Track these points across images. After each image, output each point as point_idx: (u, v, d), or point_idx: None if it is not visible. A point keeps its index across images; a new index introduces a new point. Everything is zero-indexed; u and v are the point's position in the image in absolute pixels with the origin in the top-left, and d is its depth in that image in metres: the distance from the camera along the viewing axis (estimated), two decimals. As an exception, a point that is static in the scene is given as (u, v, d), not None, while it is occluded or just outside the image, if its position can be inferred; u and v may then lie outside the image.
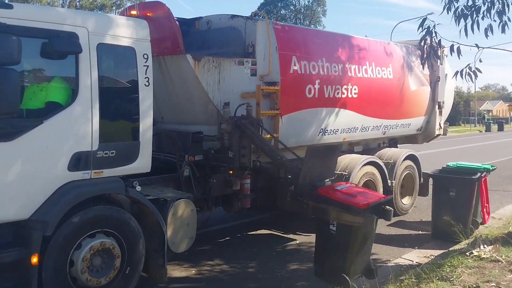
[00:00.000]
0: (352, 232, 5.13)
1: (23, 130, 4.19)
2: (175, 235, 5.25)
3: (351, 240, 5.14)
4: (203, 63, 5.93)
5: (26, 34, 4.11)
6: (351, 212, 5.22)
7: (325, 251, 5.44)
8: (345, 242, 5.18)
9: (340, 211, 5.28)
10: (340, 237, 5.23)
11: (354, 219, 5.14)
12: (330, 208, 5.39)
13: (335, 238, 5.28)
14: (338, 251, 5.25)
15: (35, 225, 4.25)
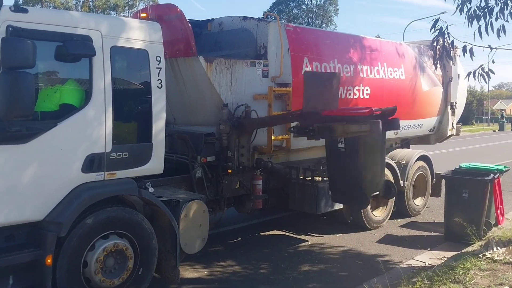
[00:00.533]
0: (360, 144, 5.07)
1: (38, 133, 4.25)
2: (188, 236, 5.28)
3: (360, 152, 5.09)
4: (215, 65, 5.95)
5: (40, 38, 4.17)
6: (356, 121, 5.16)
7: (336, 170, 5.42)
8: (354, 156, 5.14)
9: (346, 124, 5.24)
10: (349, 152, 5.25)
11: (360, 127, 5.10)
12: (335, 124, 5.33)
13: (345, 156, 5.28)
14: (348, 168, 5.25)
15: (49, 226, 4.31)
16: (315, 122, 5.58)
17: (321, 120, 5.53)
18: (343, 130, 5.21)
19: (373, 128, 5.09)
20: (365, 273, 6.01)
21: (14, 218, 4.19)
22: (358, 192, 5.01)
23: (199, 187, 6.02)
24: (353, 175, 5.31)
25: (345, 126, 5.19)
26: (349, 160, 5.35)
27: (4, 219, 4.12)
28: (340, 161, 5.33)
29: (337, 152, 5.28)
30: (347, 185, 5.32)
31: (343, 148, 5.22)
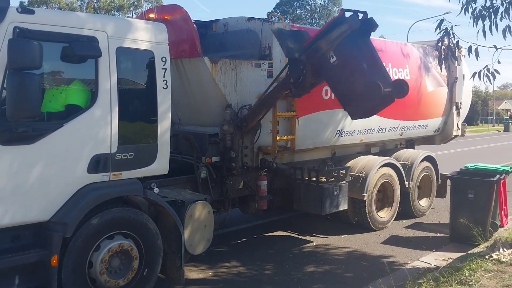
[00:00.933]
0: (348, 48, 5.62)
1: (44, 133, 4.27)
2: (192, 237, 5.29)
3: (352, 53, 5.70)
4: (220, 66, 5.96)
5: (47, 39, 4.18)
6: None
7: (342, 85, 5.88)
8: (349, 62, 5.74)
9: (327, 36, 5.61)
10: (343, 61, 5.66)
11: (340, 29, 5.51)
12: (318, 43, 5.64)
13: (341, 67, 5.70)
14: (351, 77, 5.76)
15: (55, 226, 4.32)
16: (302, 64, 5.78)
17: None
18: (327, 42, 5.52)
19: (351, 22, 5.48)
20: (370, 274, 6.00)
21: (20, 218, 4.20)
22: (375, 94, 5.33)
23: (203, 187, 6.02)
24: (359, 81, 5.65)
25: (326, 38, 5.53)
26: (347, 69, 5.68)
27: (10, 219, 4.13)
28: (341, 75, 5.70)
29: (333, 67, 5.69)
30: (361, 95, 5.59)
31: (336, 60, 5.60)
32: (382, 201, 8.36)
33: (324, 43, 5.57)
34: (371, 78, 5.51)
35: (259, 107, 6.09)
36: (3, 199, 4.07)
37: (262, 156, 6.65)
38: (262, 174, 6.64)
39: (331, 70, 5.73)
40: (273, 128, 6.45)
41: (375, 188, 7.92)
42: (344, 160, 8.03)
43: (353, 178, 7.58)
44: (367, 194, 7.72)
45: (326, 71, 5.79)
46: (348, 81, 5.72)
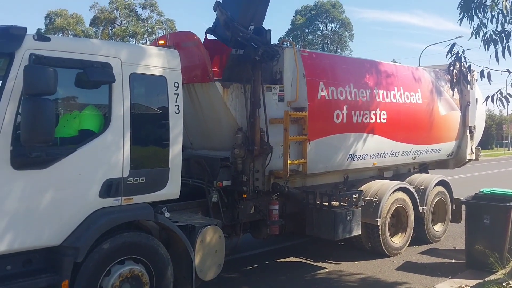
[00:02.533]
0: None
1: (57, 158, 4.30)
2: (203, 262, 5.24)
3: None
4: (232, 90, 6.01)
5: (62, 65, 4.26)
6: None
7: None
8: None
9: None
10: None
11: None
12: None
13: None
14: None
15: (66, 251, 4.32)
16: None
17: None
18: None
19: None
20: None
21: (31, 243, 4.21)
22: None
23: (215, 211, 6.00)
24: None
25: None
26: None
27: (21, 243, 4.14)
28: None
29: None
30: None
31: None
32: (396, 226, 8.23)
33: (221, 16, 6.16)
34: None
35: (251, 111, 6.14)
36: (15, 223, 4.08)
37: (273, 180, 6.62)
38: (274, 198, 6.59)
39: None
40: (285, 151, 6.44)
41: (388, 213, 7.81)
42: (357, 185, 7.96)
43: (366, 203, 7.49)
44: (381, 219, 7.61)
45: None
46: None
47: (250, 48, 6.12)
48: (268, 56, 6.13)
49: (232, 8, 6.29)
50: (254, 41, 6.16)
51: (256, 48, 6.07)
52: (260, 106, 6.14)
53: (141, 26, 39.49)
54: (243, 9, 6.26)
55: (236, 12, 6.25)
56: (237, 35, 6.14)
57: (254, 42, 6.15)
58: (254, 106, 6.11)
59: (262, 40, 6.18)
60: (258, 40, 6.17)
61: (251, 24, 6.32)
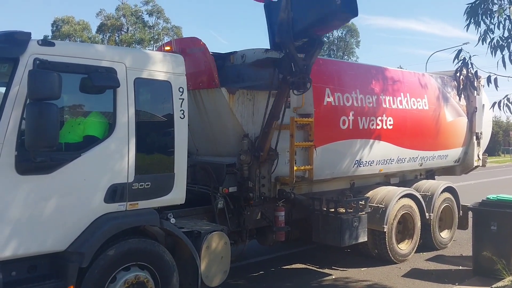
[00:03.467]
0: None
1: (61, 163, 4.29)
2: (209, 269, 5.20)
3: None
4: (238, 96, 6.00)
5: (66, 70, 4.25)
6: None
7: None
8: None
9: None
10: None
11: None
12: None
13: None
14: None
15: (71, 257, 4.29)
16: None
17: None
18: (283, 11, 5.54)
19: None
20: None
21: (36, 248, 4.18)
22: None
23: (220, 218, 5.96)
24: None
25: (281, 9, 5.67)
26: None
27: (26, 249, 4.12)
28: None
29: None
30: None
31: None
32: (402, 233, 8.16)
33: (283, 14, 5.57)
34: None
35: (268, 122, 6.04)
36: (20, 228, 4.06)
37: (279, 187, 6.58)
38: (280, 204, 6.55)
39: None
40: (291, 158, 6.40)
41: (395, 220, 7.75)
42: (363, 191, 7.91)
43: (372, 209, 7.44)
44: (387, 226, 7.55)
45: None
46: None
47: (287, 67, 5.81)
48: (296, 87, 5.88)
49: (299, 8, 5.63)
50: (295, 62, 5.78)
51: (292, 72, 5.77)
52: (278, 118, 6.06)
53: (147, 33, 39.61)
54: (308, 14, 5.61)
55: (301, 14, 5.60)
56: (285, 47, 5.75)
57: (294, 63, 5.78)
58: (272, 118, 6.02)
59: (301, 67, 5.78)
60: (298, 65, 5.77)
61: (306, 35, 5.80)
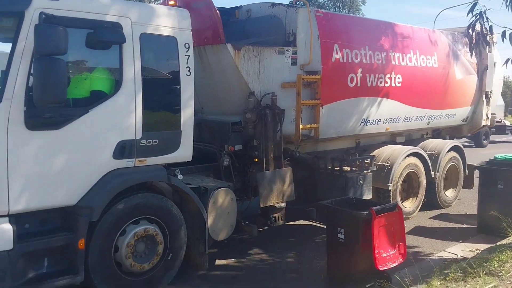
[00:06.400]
0: None
1: (70, 119, 4.32)
2: (216, 223, 5.30)
3: None
4: (243, 53, 5.90)
5: (72, 25, 4.19)
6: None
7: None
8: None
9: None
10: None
11: None
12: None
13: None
14: None
15: (82, 211, 4.39)
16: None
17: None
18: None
19: None
20: (395, 264, 5.90)
21: (47, 202, 4.28)
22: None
23: (226, 175, 6.02)
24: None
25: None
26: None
27: (37, 203, 4.21)
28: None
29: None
30: None
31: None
32: (407, 191, 8.23)
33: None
34: None
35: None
36: (31, 183, 4.14)
37: (284, 145, 6.58)
38: (285, 163, 6.58)
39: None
40: (297, 116, 6.37)
41: (400, 178, 7.79)
42: (369, 150, 7.91)
43: (377, 168, 7.47)
44: (392, 184, 7.59)
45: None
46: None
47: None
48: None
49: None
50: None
51: None
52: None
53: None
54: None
55: None
56: None
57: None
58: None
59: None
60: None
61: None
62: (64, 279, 4.27)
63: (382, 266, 5.00)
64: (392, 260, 5.11)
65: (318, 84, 6.50)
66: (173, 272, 5.07)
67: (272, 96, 6.12)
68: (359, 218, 5.01)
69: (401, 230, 5.29)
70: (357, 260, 5.03)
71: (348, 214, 5.17)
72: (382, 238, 5.03)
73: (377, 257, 4.93)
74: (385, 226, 5.09)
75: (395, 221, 5.22)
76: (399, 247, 5.21)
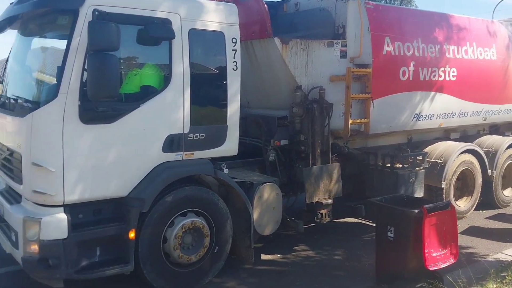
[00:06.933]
0: None
1: (122, 113, 4.45)
2: (261, 218, 5.31)
3: None
4: (291, 46, 5.85)
5: (123, 21, 4.30)
6: None
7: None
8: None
9: None
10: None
11: None
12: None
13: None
14: None
15: (133, 202, 4.53)
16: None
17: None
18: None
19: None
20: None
21: (100, 193, 4.44)
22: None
23: (272, 170, 6.00)
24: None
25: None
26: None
27: (91, 194, 4.38)
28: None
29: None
30: None
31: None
32: (461, 189, 7.89)
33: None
34: None
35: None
36: (85, 175, 4.31)
37: (332, 140, 6.48)
38: (333, 158, 6.48)
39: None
40: (346, 110, 6.25)
41: (454, 176, 7.48)
42: (421, 146, 7.64)
43: (430, 165, 7.21)
44: (445, 182, 7.31)
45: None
46: None
47: None
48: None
49: None
50: None
51: None
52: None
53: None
54: None
55: None
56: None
57: None
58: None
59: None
60: None
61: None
62: (115, 268, 4.43)
63: (432, 266, 4.83)
64: (442, 260, 4.93)
65: (368, 78, 6.34)
66: (220, 265, 5.13)
67: (320, 90, 6.04)
68: (410, 217, 4.86)
69: (454, 229, 5.09)
70: (406, 259, 4.89)
71: (399, 212, 5.02)
72: (432, 237, 4.86)
73: (427, 257, 4.77)
74: (437, 225, 4.91)
75: (448, 220, 5.02)
76: (451, 247, 5.01)
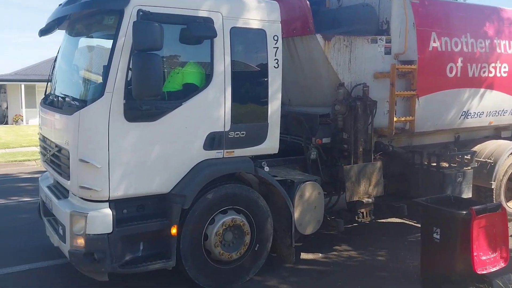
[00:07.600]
0: None
1: (165, 111, 4.52)
2: (302, 217, 5.26)
3: None
4: (334, 43, 5.75)
5: (166, 21, 4.37)
6: None
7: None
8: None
9: None
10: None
11: None
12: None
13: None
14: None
15: (175, 198, 4.60)
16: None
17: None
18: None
19: None
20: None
21: (143, 189, 4.54)
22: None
23: (313, 169, 5.93)
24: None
25: None
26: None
27: (135, 190, 4.49)
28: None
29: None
30: None
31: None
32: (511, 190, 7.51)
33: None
34: None
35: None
36: (129, 171, 4.42)
37: (376, 139, 6.33)
38: (377, 157, 6.33)
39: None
40: (390, 108, 6.09)
41: (505, 176, 7.16)
42: (470, 145, 7.35)
43: (479, 165, 6.92)
44: (495, 182, 7.00)
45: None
46: None
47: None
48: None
49: None
50: None
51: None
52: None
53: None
54: None
55: None
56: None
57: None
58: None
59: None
60: None
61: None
62: (157, 263, 4.51)
63: (481, 269, 4.63)
64: (492, 264, 4.72)
65: (413, 74, 6.15)
66: (260, 263, 5.13)
67: (363, 87, 5.92)
68: (458, 218, 4.67)
69: (504, 232, 4.85)
70: (453, 262, 4.72)
71: (445, 213, 4.84)
72: (481, 240, 4.65)
73: (476, 260, 4.57)
74: (486, 227, 4.70)
75: (498, 223, 4.80)
76: (501, 250, 4.79)
